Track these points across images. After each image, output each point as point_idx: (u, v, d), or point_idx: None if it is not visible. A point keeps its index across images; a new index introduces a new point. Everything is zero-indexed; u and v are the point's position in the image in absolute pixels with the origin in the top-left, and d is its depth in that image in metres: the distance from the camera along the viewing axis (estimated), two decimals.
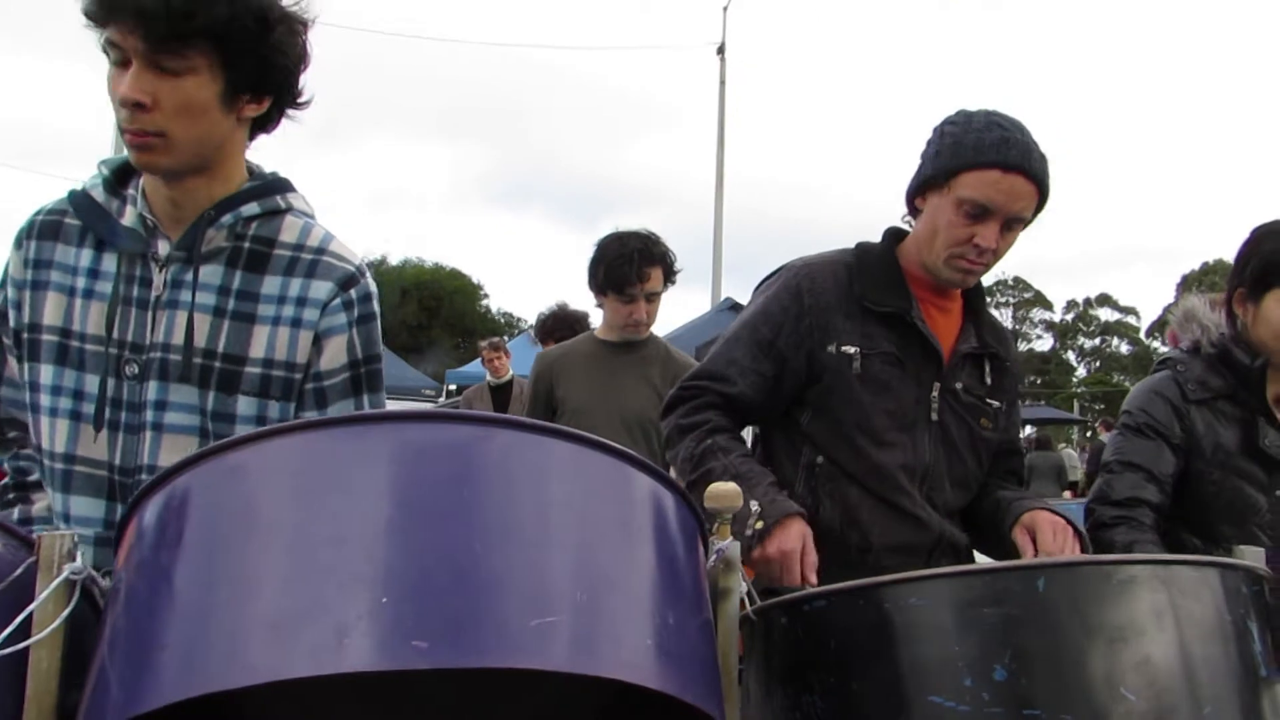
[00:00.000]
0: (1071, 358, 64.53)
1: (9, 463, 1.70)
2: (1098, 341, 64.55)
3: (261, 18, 1.42)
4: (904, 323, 1.94)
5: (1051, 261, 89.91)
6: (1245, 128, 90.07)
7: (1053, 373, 60.48)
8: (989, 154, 1.83)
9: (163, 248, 1.52)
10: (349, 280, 1.57)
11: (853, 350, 1.92)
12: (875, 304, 1.94)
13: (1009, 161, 1.83)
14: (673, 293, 3.39)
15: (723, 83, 18.51)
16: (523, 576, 0.90)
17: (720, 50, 18.63)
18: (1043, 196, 1.89)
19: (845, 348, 1.92)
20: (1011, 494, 2.02)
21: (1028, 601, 1.14)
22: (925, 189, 1.94)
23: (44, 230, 1.56)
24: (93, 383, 1.50)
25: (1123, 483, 2.12)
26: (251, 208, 1.54)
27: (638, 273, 3.21)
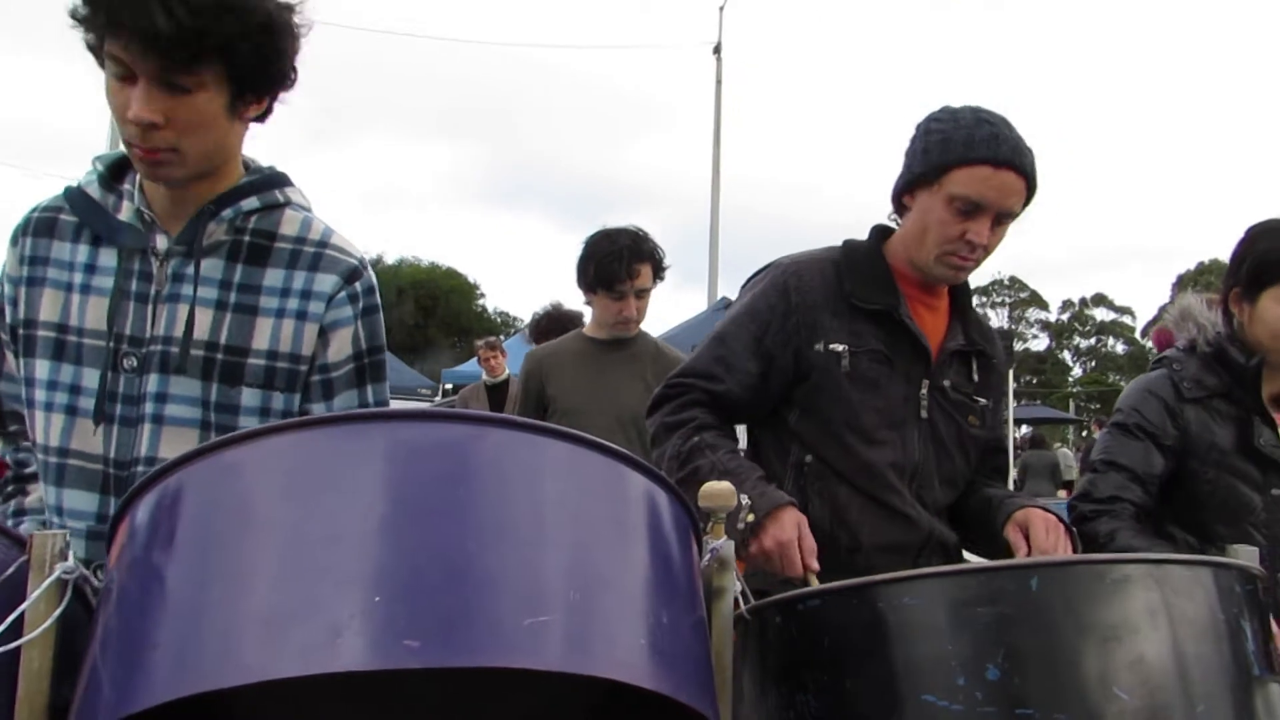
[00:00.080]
0: (1067, 357, 64.60)
1: (10, 455, 1.72)
2: (1093, 341, 64.60)
3: (267, 27, 1.42)
4: (892, 320, 1.93)
5: (1047, 261, 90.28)
6: (1241, 127, 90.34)
7: (1048, 372, 60.55)
8: (980, 150, 1.83)
9: (161, 242, 1.52)
10: (353, 274, 1.59)
11: (841, 348, 1.91)
12: (863, 301, 1.94)
13: (1000, 157, 1.83)
14: (669, 292, 3.41)
15: (719, 82, 18.54)
16: (516, 575, 0.90)
17: (716, 50, 18.65)
18: (1031, 190, 1.89)
19: (833, 345, 1.91)
20: (1002, 492, 2.03)
21: (1021, 601, 1.15)
22: (914, 187, 1.94)
23: (39, 227, 1.57)
24: (89, 377, 1.51)
25: (1106, 482, 2.13)
26: (251, 202, 1.56)
27: (627, 269, 3.20)
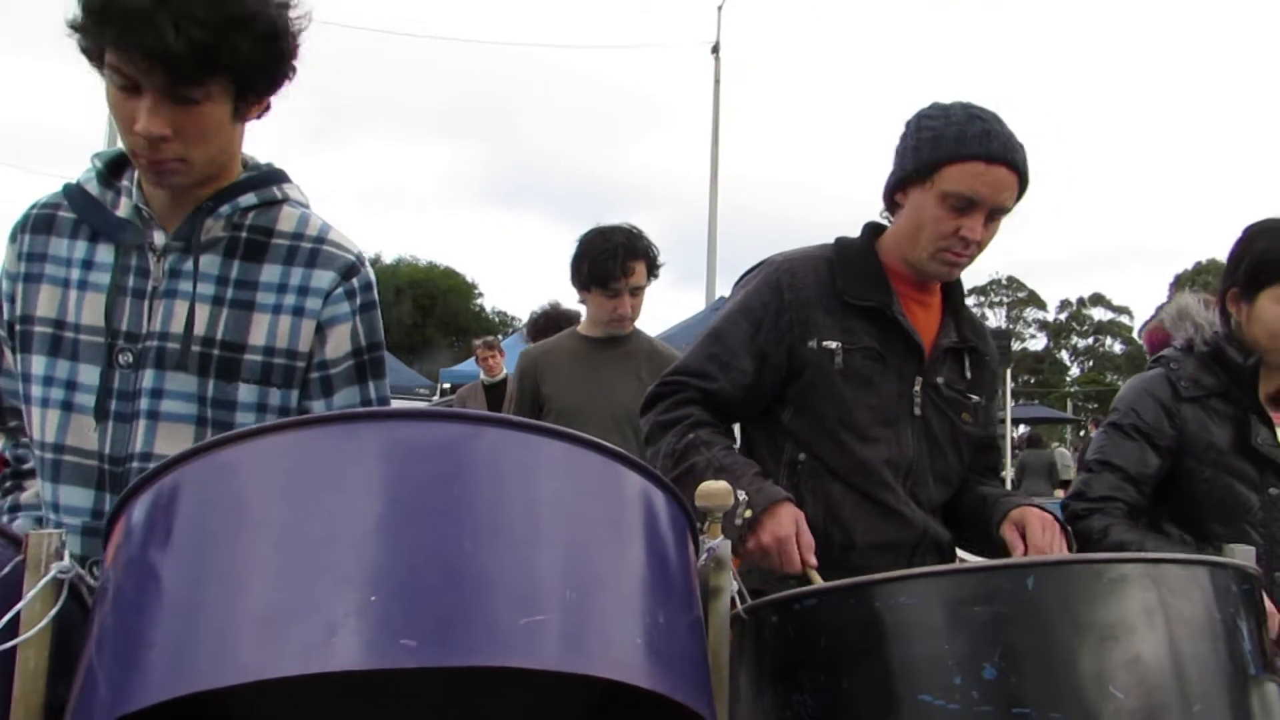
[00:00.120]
0: (1065, 357, 64.65)
1: (9, 450, 1.72)
2: (1091, 341, 64.67)
3: (273, 35, 1.43)
4: (885, 317, 1.93)
5: (1045, 261, 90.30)
6: (1238, 127, 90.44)
7: (1046, 372, 60.59)
8: (972, 146, 1.83)
9: (158, 238, 1.53)
10: (350, 270, 1.59)
11: (834, 345, 1.91)
12: (856, 298, 1.93)
13: (992, 153, 1.83)
14: (667, 291, 3.41)
15: (717, 82, 18.51)
16: (512, 575, 0.90)
17: (714, 49, 18.63)
18: (1023, 185, 1.89)
19: (826, 343, 1.91)
20: (997, 491, 2.03)
21: (1018, 600, 1.15)
22: (906, 184, 1.93)
23: (38, 224, 1.58)
24: (86, 372, 1.51)
25: (1100, 482, 2.13)
26: (249, 198, 1.56)
27: (622, 267, 3.18)
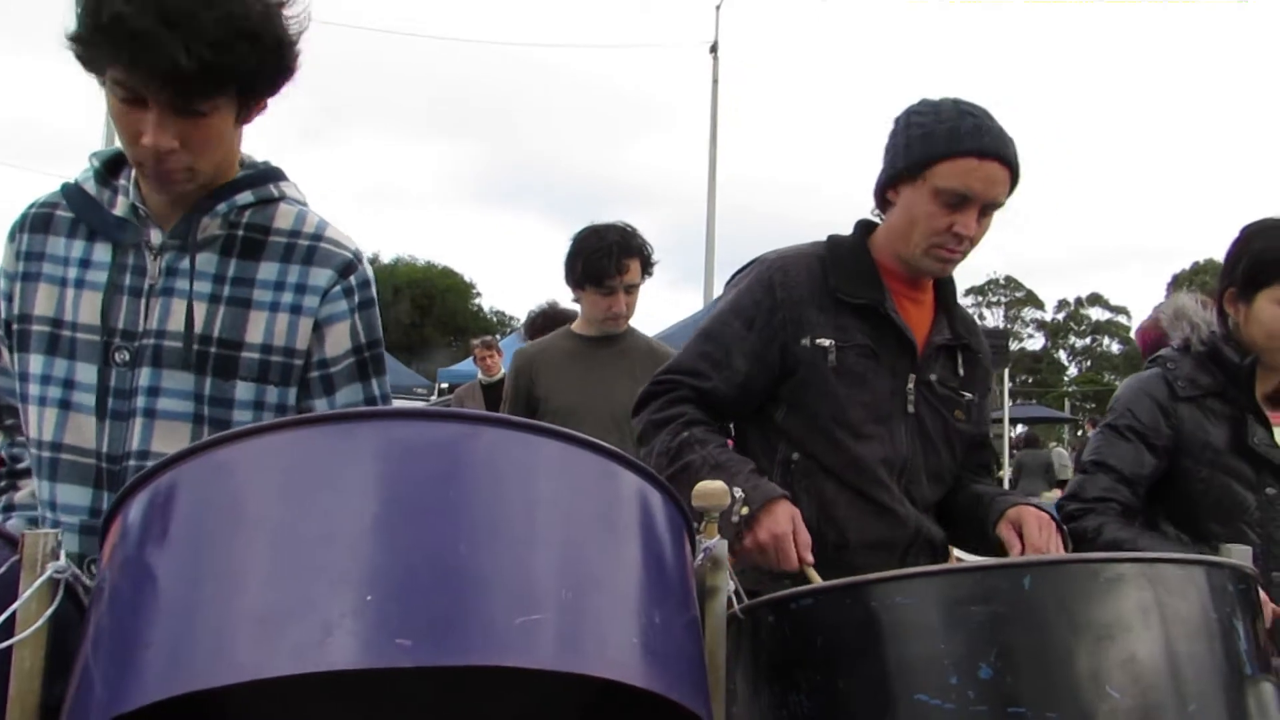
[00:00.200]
0: (1063, 357, 64.67)
1: (5, 450, 1.72)
2: (1089, 340, 64.72)
3: (278, 47, 1.43)
4: (877, 314, 1.93)
5: (1043, 261, 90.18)
6: (1236, 127, 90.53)
7: (1044, 371, 60.62)
8: (965, 142, 1.83)
9: (155, 236, 1.53)
10: (348, 267, 1.59)
11: (828, 343, 1.91)
12: (849, 296, 1.93)
13: (985, 149, 1.83)
14: (666, 291, 3.40)
15: (715, 81, 18.51)
16: (508, 574, 0.90)
17: (713, 49, 18.63)
18: (1015, 179, 1.89)
19: (820, 340, 1.91)
20: (993, 490, 2.03)
21: (1014, 599, 1.15)
22: (897, 181, 1.93)
23: (35, 223, 1.58)
24: (84, 371, 1.51)
25: (1094, 484, 2.14)
26: (245, 196, 1.56)
27: (616, 265, 3.17)
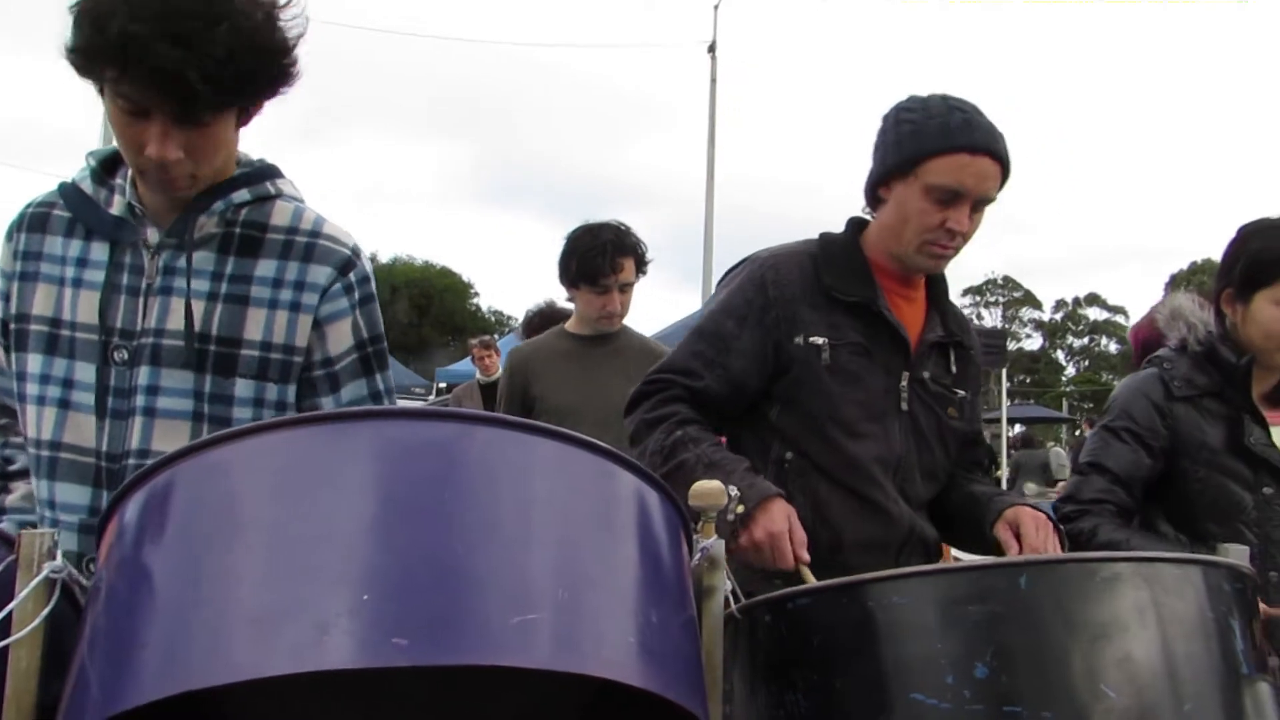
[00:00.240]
0: (1060, 356, 64.70)
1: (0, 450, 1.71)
2: (1086, 340, 64.76)
3: (280, 54, 1.44)
4: (870, 312, 1.93)
5: (1041, 261, 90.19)
6: (1235, 127, 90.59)
7: (1042, 371, 60.65)
8: (956, 138, 1.83)
9: (152, 235, 1.53)
10: (347, 264, 1.59)
11: (821, 341, 1.90)
12: (841, 294, 1.93)
13: (976, 144, 1.83)
14: (665, 291, 3.38)
15: (714, 81, 18.50)
16: (504, 574, 0.90)
17: (711, 49, 18.62)
18: (1006, 174, 1.89)
19: (813, 338, 1.90)
20: (990, 490, 2.02)
21: (1010, 599, 1.15)
22: (888, 178, 1.92)
23: (33, 222, 1.58)
24: (82, 370, 1.51)
25: (1090, 486, 2.14)
26: (242, 194, 1.56)
27: (611, 263, 3.16)
